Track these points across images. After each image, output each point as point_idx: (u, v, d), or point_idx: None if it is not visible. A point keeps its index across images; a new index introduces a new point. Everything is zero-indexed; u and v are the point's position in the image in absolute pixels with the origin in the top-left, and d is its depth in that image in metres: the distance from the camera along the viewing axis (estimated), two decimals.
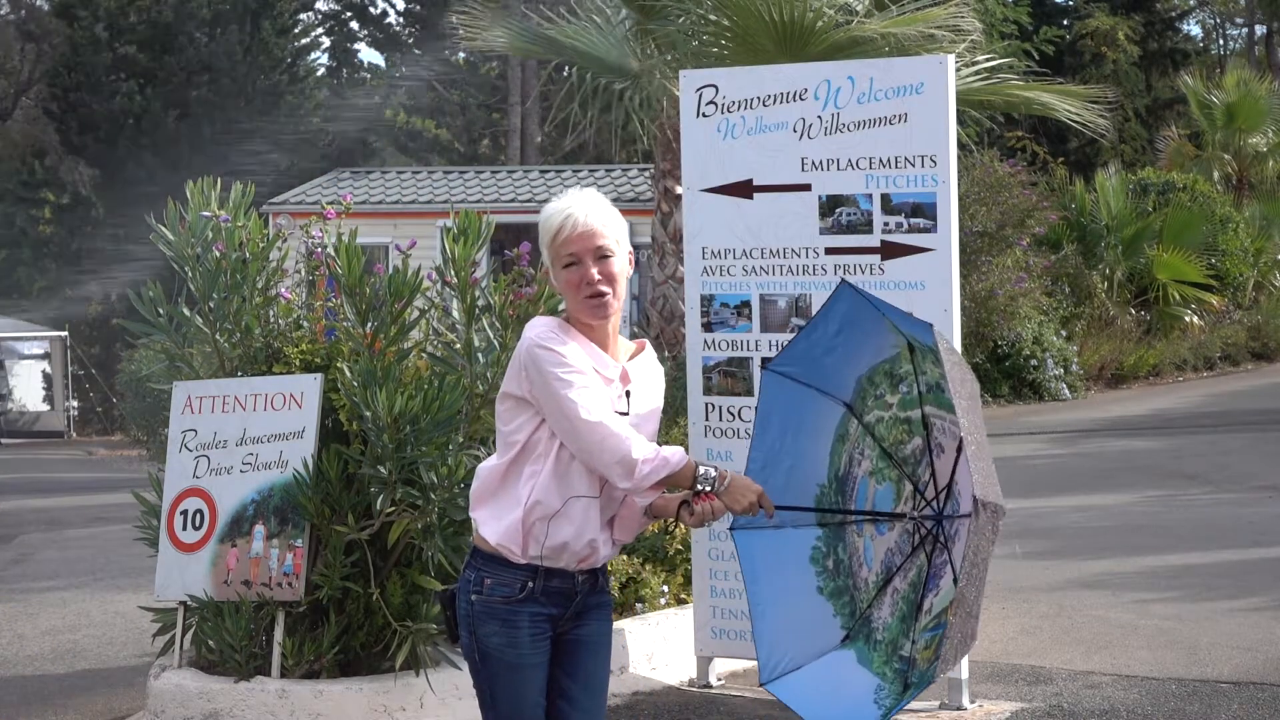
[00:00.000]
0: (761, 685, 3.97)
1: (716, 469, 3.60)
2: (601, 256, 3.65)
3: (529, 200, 23.66)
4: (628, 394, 3.70)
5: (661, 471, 3.54)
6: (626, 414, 3.66)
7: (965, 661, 6.13)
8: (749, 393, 6.32)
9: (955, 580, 3.53)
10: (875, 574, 3.94)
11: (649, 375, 3.79)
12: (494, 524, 3.67)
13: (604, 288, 3.64)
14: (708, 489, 3.56)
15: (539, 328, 3.64)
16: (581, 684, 3.77)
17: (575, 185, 23.82)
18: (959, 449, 3.71)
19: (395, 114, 36.51)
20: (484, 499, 3.71)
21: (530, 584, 3.66)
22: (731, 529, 3.93)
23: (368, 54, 75.39)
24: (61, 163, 34.29)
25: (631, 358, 3.79)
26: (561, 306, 3.83)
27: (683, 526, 6.90)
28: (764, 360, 6.33)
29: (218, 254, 6.45)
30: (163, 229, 6.53)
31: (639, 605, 6.98)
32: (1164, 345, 24.80)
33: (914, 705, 6.30)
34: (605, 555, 3.76)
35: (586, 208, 3.67)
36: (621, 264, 3.69)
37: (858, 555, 3.86)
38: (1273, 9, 43.56)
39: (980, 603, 3.72)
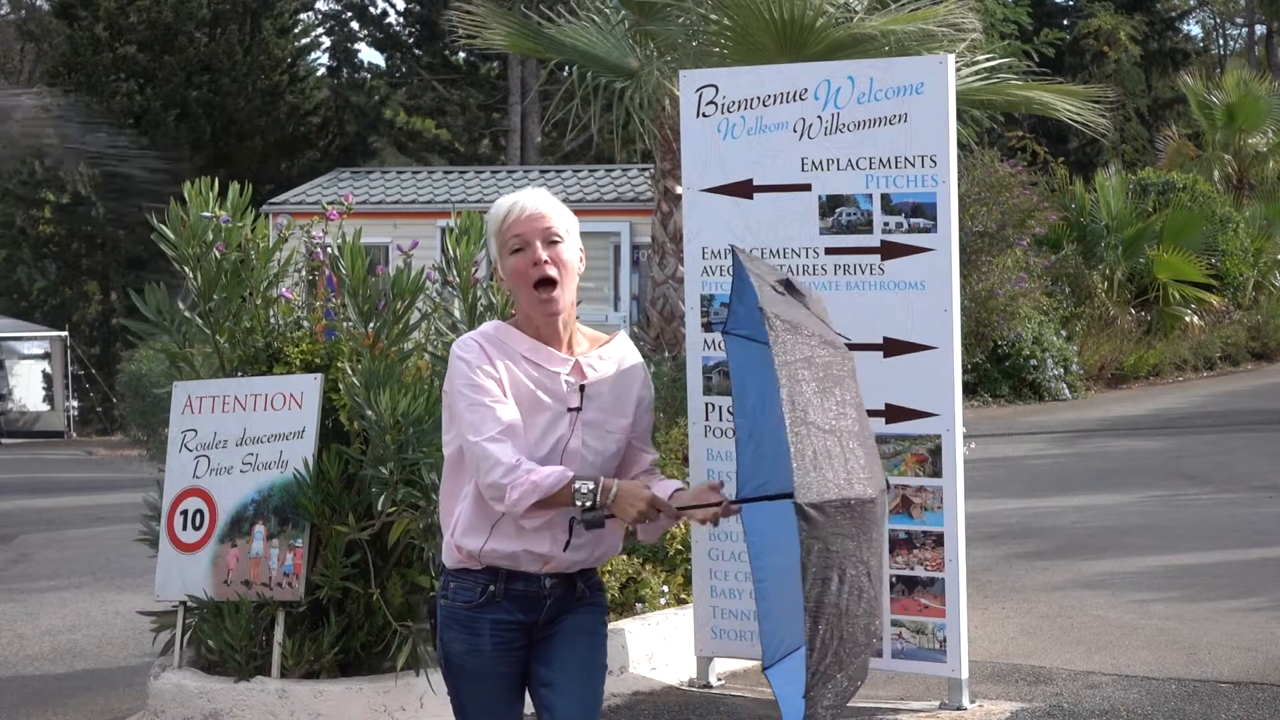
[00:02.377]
0: (764, 671, 3.77)
1: (599, 482, 3.38)
2: (550, 240, 3.51)
3: None
4: (581, 389, 3.52)
5: (531, 496, 3.36)
6: (579, 409, 3.50)
7: (965, 661, 6.13)
8: None
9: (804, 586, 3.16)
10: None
11: (616, 366, 3.61)
12: (448, 532, 3.60)
13: (551, 271, 3.48)
14: (589, 504, 3.36)
15: (468, 335, 3.55)
16: (558, 668, 3.57)
17: (575, 185, 23.87)
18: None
19: (395, 114, 36.50)
20: (444, 503, 3.64)
21: (491, 587, 3.52)
22: (736, 501, 3.67)
23: (368, 54, 75.57)
24: (61, 163, 34.23)
25: (594, 349, 3.61)
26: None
27: (683, 525, 6.89)
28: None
29: (218, 254, 6.45)
30: (164, 229, 6.53)
31: (639, 605, 6.98)
32: (1164, 345, 24.80)
33: (914, 705, 6.31)
34: (574, 561, 3.56)
35: (534, 196, 3.56)
36: (572, 253, 3.53)
37: None
38: (1273, 9, 43.57)
39: (861, 628, 3.28)
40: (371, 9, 37.70)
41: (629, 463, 3.68)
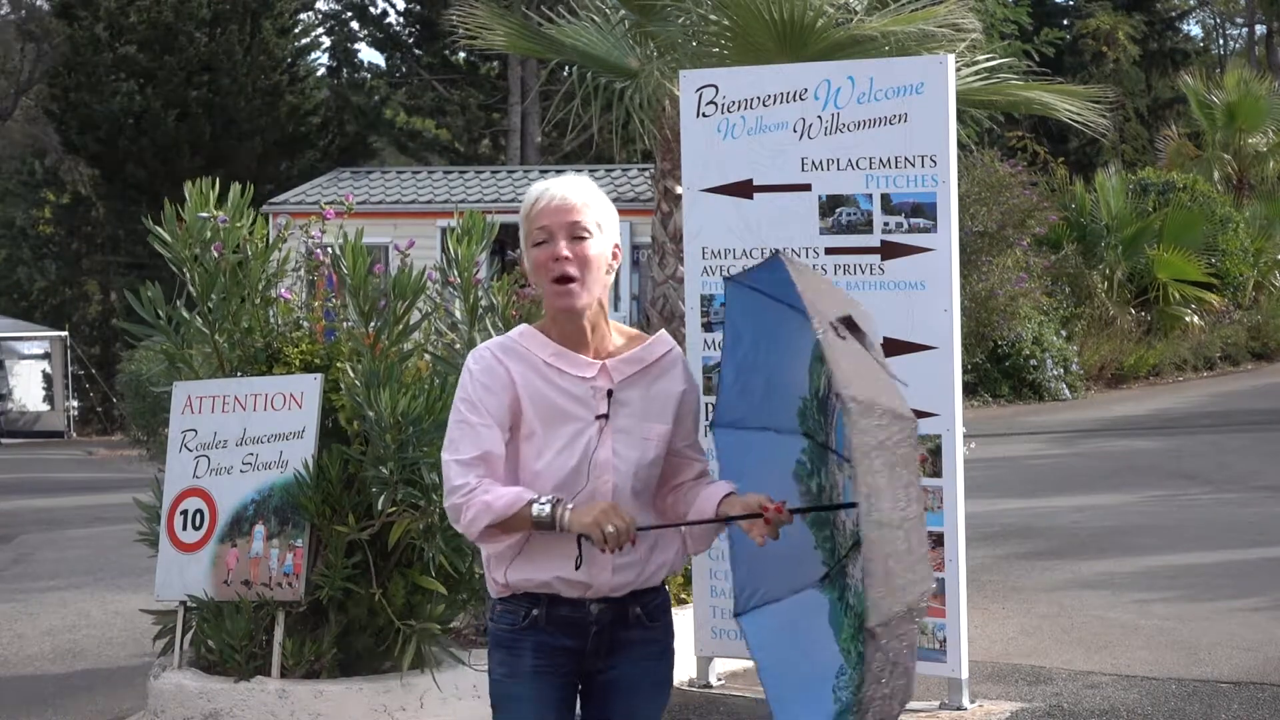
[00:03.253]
0: (735, 617, 3.49)
1: (556, 500, 3.18)
2: (576, 235, 3.24)
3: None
4: (609, 394, 3.27)
5: (484, 517, 3.18)
6: (606, 416, 3.26)
7: (965, 661, 6.13)
8: None
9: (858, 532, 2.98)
10: (854, 519, 3.27)
11: (651, 367, 3.35)
12: (485, 561, 3.42)
13: (572, 269, 3.22)
14: (547, 523, 3.16)
15: (486, 344, 3.34)
16: None
17: None
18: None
19: (395, 114, 36.50)
20: None
21: (534, 611, 3.30)
22: (711, 426, 3.45)
23: (368, 54, 75.54)
24: (61, 163, 34.29)
25: (625, 350, 3.35)
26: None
27: None
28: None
29: (216, 255, 6.45)
30: (159, 231, 6.53)
31: None
32: (1164, 345, 24.80)
33: (913, 705, 6.30)
34: (620, 584, 3.30)
35: (569, 184, 3.28)
36: (600, 249, 3.26)
37: (837, 490, 3.30)
38: (1273, 9, 43.58)
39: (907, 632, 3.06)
40: (371, 9, 37.68)
41: (672, 471, 3.42)
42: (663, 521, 3.38)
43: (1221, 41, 53.69)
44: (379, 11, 37.90)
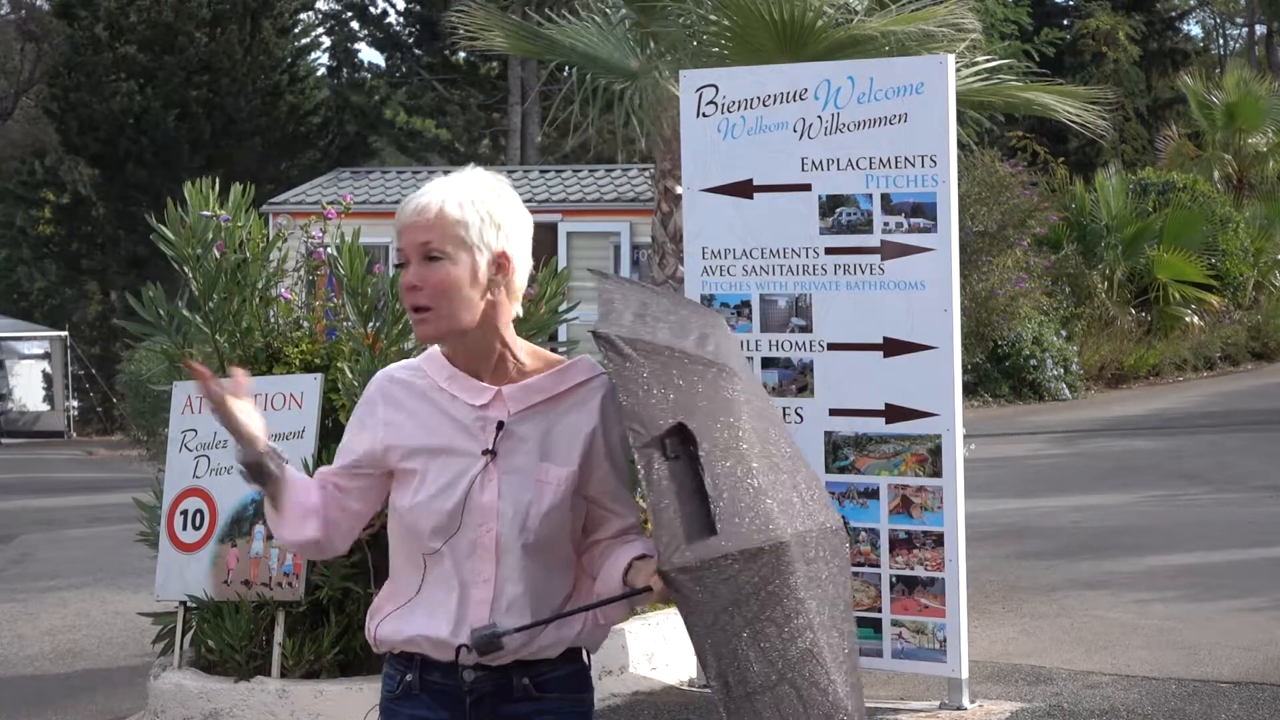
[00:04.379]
0: (659, 572, 2.61)
1: (275, 452, 2.85)
2: (428, 257, 2.73)
3: (529, 200, 23.55)
4: (499, 426, 2.76)
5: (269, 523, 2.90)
6: (493, 452, 2.74)
7: (965, 661, 6.13)
8: None
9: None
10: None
11: (558, 398, 2.79)
12: None
13: (421, 298, 2.73)
14: (252, 472, 2.83)
15: (385, 371, 2.94)
16: None
17: (575, 185, 23.88)
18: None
19: (395, 114, 36.50)
20: None
21: (407, 677, 2.82)
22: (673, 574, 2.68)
23: (368, 54, 75.51)
24: (61, 163, 34.29)
25: (535, 375, 2.81)
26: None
27: None
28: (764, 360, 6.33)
29: (217, 254, 6.45)
30: (163, 229, 6.53)
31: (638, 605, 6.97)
32: (1164, 345, 24.80)
33: (914, 705, 6.31)
34: (509, 648, 2.73)
35: (428, 194, 2.76)
36: (459, 273, 2.72)
37: None
38: (1273, 9, 43.58)
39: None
40: (371, 9, 37.67)
41: (591, 523, 2.85)
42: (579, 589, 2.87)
43: (1221, 41, 53.72)
44: (379, 11, 37.89)
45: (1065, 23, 37.66)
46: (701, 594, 2.53)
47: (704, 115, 6.40)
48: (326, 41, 38.06)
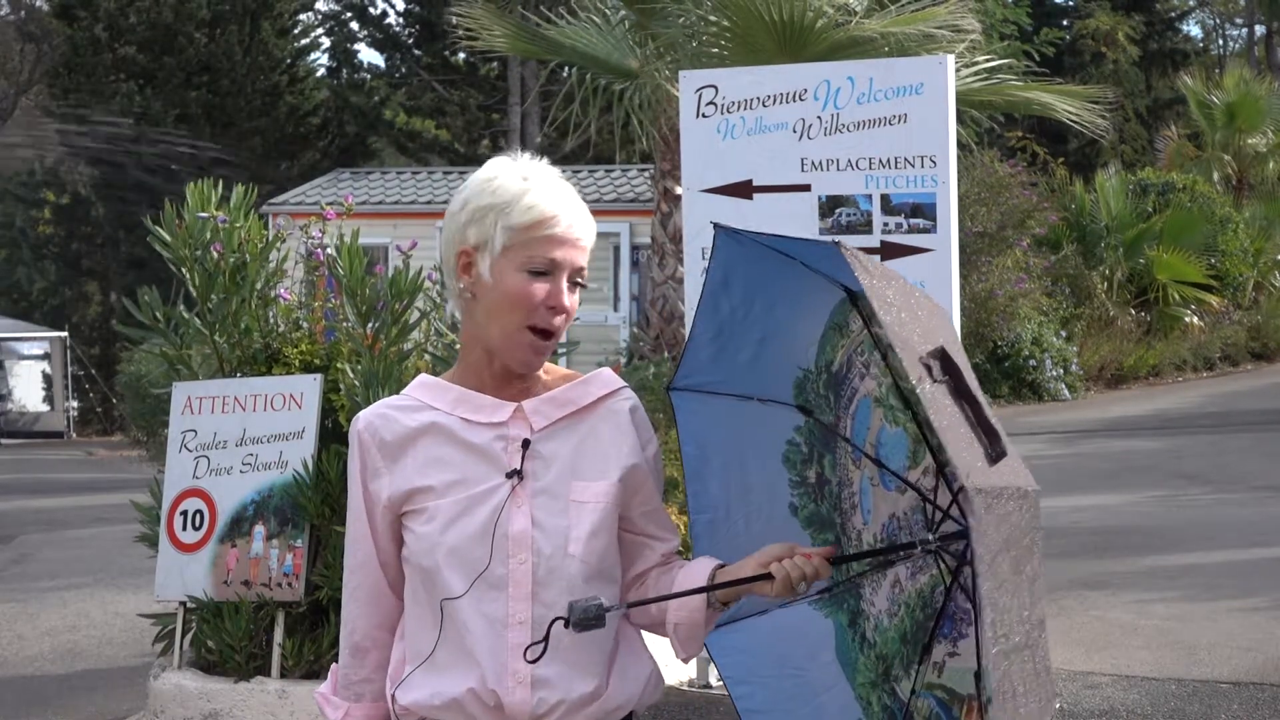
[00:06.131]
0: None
1: None
2: (575, 282, 2.44)
3: None
4: (525, 444, 2.41)
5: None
6: (520, 474, 2.39)
7: None
8: None
9: (978, 665, 2.29)
10: (873, 534, 2.58)
11: (586, 412, 2.48)
12: None
13: (560, 321, 2.43)
14: None
15: (365, 415, 2.51)
16: None
17: (575, 185, 23.87)
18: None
19: (395, 114, 36.51)
20: None
21: None
22: (670, 389, 2.69)
23: (368, 54, 75.54)
24: (61, 163, 34.30)
25: (556, 389, 2.49)
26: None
27: (682, 526, 6.88)
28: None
29: (216, 255, 6.45)
30: (159, 230, 6.53)
31: None
32: (1164, 345, 24.82)
33: None
34: (552, 703, 2.37)
35: (579, 212, 2.47)
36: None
37: (850, 489, 2.61)
38: (1273, 9, 43.57)
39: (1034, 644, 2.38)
40: (371, 9, 37.69)
41: (628, 558, 2.51)
42: (622, 633, 2.50)
43: (1221, 42, 53.72)
44: (379, 12, 37.92)
45: (1065, 23, 37.68)
46: (989, 524, 2.20)
47: (703, 116, 6.40)
48: (326, 42, 38.09)
